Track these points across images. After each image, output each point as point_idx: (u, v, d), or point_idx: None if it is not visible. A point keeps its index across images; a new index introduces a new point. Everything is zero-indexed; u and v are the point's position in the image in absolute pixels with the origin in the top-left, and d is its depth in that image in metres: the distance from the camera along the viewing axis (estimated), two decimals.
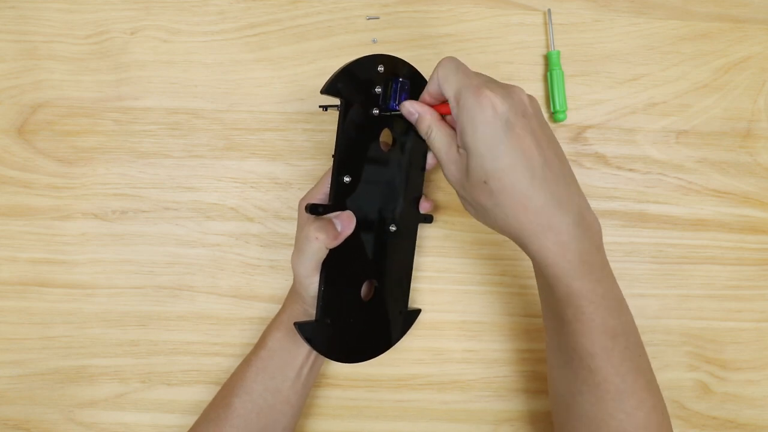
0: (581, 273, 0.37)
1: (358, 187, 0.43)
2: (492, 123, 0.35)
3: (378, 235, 0.45)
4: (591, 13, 0.53)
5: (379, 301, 0.46)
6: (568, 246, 0.36)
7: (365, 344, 0.46)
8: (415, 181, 0.46)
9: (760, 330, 0.52)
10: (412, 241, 0.48)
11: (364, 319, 0.45)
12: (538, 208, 0.36)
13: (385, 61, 0.43)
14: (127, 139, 0.51)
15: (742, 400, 0.52)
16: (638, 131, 0.52)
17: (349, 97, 0.41)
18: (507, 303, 0.52)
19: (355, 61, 0.41)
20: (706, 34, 0.53)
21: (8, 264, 0.51)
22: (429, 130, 0.40)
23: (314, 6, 0.52)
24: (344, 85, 0.41)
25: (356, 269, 0.44)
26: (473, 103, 0.36)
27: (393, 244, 0.46)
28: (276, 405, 0.44)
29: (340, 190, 0.42)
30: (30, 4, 0.51)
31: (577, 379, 0.39)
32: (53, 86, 0.51)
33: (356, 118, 0.42)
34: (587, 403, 0.39)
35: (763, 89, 0.53)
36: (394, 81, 0.43)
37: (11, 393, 0.50)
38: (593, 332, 0.37)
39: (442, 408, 0.51)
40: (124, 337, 0.51)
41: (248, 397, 0.44)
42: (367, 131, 0.43)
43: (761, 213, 0.52)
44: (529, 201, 0.36)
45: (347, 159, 0.42)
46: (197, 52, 0.51)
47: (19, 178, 0.51)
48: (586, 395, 0.39)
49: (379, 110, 0.43)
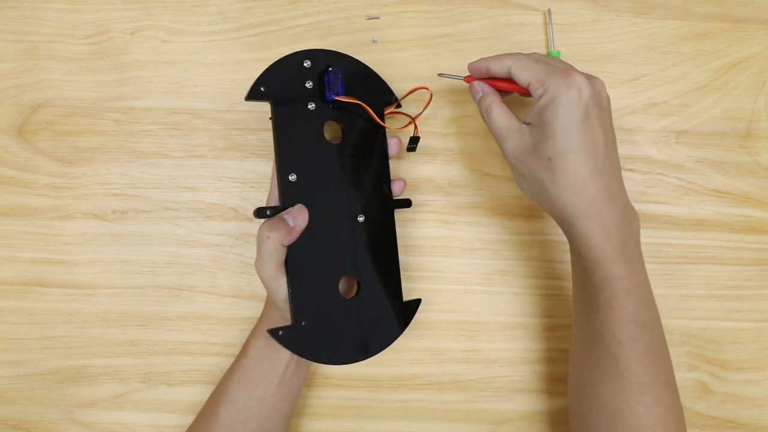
0: (620, 259, 0.39)
1: (309, 183, 0.42)
2: (575, 105, 0.38)
3: (345, 227, 0.43)
4: (591, 13, 0.53)
5: (365, 297, 0.44)
6: (612, 232, 0.39)
7: (356, 343, 0.43)
8: (377, 167, 0.45)
9: (760, 330, 0.52)
10: (391, 229, 0.46)
11: (349, 317, 0.43)
12: (592, 194, 0.39)
13: (311, 56, 0.43)
14: (127, 139, 0.51)
15: (742, 400, 0.52)
16: (638, 131, 0.52)
17: (278, 98, 0.41)
18: (507, 303, 0.52)
19: (275, 62, 0.42)
20: (706, 34, 0.53)
21: (8, 264, 0.51)
22: (489, 108, 0.42)
23: (314, 6, 0.52)
24: (269, 87, 0.41)
25: (327, 266, 0.43)
26: (561, 82, 0.38)
27: (366, 235, 0.44)
28: (261, 413, 0.44)
29: (287, 189, 0.42)
30: (30, 4, 0.51)
31: (601, 368, 0.40)
32: (53, 86, 0.51)
33: (291, 116, 0.42)
34: (608, 393, 0.40)
35: (763, 89, 0.53)
36: (325, 73, 0.43)
37: (11, 393, 0.50)
38: (623, 320, 0.39)
39: (442, 408, 0.51)
40: (124, 337, 0.51)
41: (233, 406, 0.44)
42: (306, 127, 0.43)
43: (761, 213, 0.52)
44: (587, 186, 0.39)
45: (289, 158, 0.42)
46: (197, 52, 0.51)
47: (19, 178, 0.51)
48: (608, 384, 0.40)
49: (316, 105, 0.43)
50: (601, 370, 0.40)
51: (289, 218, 0.41)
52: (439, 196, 0.52)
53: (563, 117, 0.38)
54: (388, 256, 0.45)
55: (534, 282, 0.52)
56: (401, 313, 0.46)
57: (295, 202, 0.42)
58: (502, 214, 0.52)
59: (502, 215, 0.52)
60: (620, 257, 0.39)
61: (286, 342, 0.40)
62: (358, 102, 0.43)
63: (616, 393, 0.39)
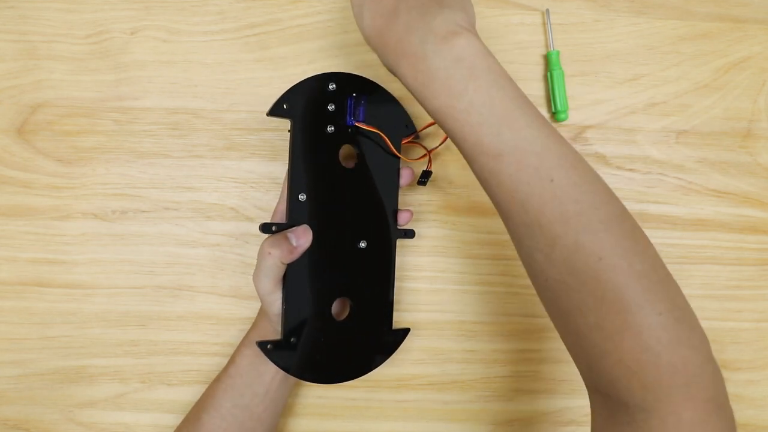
0: (433, 93, 0.34)
1: (318, 204, 0.42)
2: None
3: (346, 252, 0.44)
4: (591, 13, 0.53)
5: (356, 320, 0.45)
6: (418, 66, 0.34)
7: (341, 364, 0.44)
8: (387, 196, 0.45)
9: (760, 330, 0.52)
10: (389, 258, 0.46)
11: (338, 338, 0.44)
12: (394, 44, 0.35)
13: (336, 79, 0.43)
14: (126, 139, 0.51)
15: (742, 400, 0.52)
16: (638, 131, 0.52)
17: (298, 117, 0.41)
18: (507, 303, 0.52)
19: (301, 82, 0.42)
20: (706, 34, 0.53)
21: (8, 264, 0.51)
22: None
23: (314, 6, 0.52)
24: (291, 105, 0.41)
25: (323, 287, 0.43)
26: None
27: (365, 262, 0.45)
28: (245, 422, 0.44)
29: (295, 208, 0.42)
30: (29, 4, 0.51)
31: (515, 238, 0.35)
32: (53, 86, 0.51)
33: (310, 136, 0.42)
34: (542, 263, 0.34)
35: (763, 89, 0.53)
36: (348, 98, 0.43)
37: (11, 393, 0.50)
38: (472, 157, 0.34)
39: (442, 408, 0.51)
40: (124, 337, 0.51)
41: (217, 413, 0.44)
42: (323, 149, 0.43)
43: (761, 213, 0.52)
44: (387, 41, 0.35)
45: (301, 178, 0.42)
46: (197, 51, 0.51)
47: (19, 178, 0.51)
48: (536, 255, 0.34)
49: (335, 127, 0.43)
50: (516, 240, 0.35)
51: (293, 238, 0.41)
52: (439, 196, 0.52)
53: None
54: (383, 284, 0.46)
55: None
56: (389, 341, 0.46)
57: (301, 222, 0.42)
58: None
59: None
60: (433, 89, 0.34)
61: (273, 356, 0.41)
62: (378, 131, 0.44)
63: (550, 258, 0.33)
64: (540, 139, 0.33)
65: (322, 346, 0.43)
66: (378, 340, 0.45)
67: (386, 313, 0.46)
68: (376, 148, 0.45)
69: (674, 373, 0.31)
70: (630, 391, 0.32)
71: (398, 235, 0.46)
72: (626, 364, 0.32)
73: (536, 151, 0.33)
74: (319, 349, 0.43)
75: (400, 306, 0.51)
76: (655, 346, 0.31)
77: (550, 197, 0.33)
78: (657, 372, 0.31)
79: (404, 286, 0.51)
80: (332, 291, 0.44)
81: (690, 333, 0.33)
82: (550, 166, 0.33)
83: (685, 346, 0.32)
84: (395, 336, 0.46)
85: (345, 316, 0.45)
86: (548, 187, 0.32)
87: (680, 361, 0.31)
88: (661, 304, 0.32)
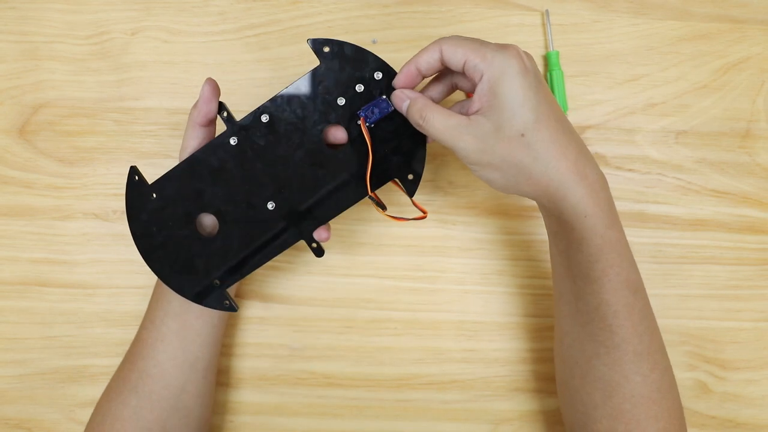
0: (613, 222, 0.38)
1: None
2: (525, 73, 0.36)
3: (258, 212, 0.42)
4: (590, 14, 0.53)
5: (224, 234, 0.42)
6: (600, 194, 0.37)
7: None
8: (327, 200, 0.42)
9: (759, 330, 0.52)
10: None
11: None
12: (574, 158, 0.37)
13: (387, 74, 0.40)
14: (127, 139, 0.51)
15: (741, 400, 0.52)
16: (637, 131, 0.52)
17: (330, 68, 0.40)
18: (507, 303, 0.52)
19: (360, 48, 0.40)
20: (705, 34, 0.53)
21: (9, 264, 0.51)
22: (424, 112, 0.38)
23: (314, 6, 0.52)
24: (332, 55, 0.39)
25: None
26: (501, 56, 0.35)
27: (269, 220, 0.42)
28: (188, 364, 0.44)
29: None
30: (31, 5, 0.51)
31: (595, 341, 0.39)
32: (54, 87, 0.51)
33: (323, 91, 0.40)
34: (604, 366, 0.39)
35: (762, 90, 0.53)
36: (381, 97, 0.40)
37: (12, 392, 0.50)
38: (618, 287, 0.38)
39: (442, 408, 0.51)
40: (125, 336, 0.51)
41: (155, 361, 0.43)
42: (324, 109, 0.40)
43: (761, 213, 0.52)
44: (566, 149, 0.36)
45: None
46: (198, 52, 0.51)
47: (20, 179, 0.51)
48: (603, 357, 0.39)
49: (346, 102, 0.40)
50: (595, 344, 0.39)
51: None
52: (439, 196, 0.52)
53: (520, 87, 0.35)
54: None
55: (533, 282, 0.52)
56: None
57: (240, 136, 0.41)
58: (501, 214, 0.52)
59: (501, 215, 0.52)
60: (612, 219, 0.38)
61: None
62: (369, 149, 0.40)
63: (612, 366, 0.38)
64: (640, 275, 0.40)
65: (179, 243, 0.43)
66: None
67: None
68: (360, 158, 0.41)
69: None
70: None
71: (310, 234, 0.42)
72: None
73: (644, 286, 0.40)
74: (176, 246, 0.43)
75: (399, 306, 0.51)
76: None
77: None
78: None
79: (404, 286, 0.51)
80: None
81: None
82: (649, 303, 0.40)
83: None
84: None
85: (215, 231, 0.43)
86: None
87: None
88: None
